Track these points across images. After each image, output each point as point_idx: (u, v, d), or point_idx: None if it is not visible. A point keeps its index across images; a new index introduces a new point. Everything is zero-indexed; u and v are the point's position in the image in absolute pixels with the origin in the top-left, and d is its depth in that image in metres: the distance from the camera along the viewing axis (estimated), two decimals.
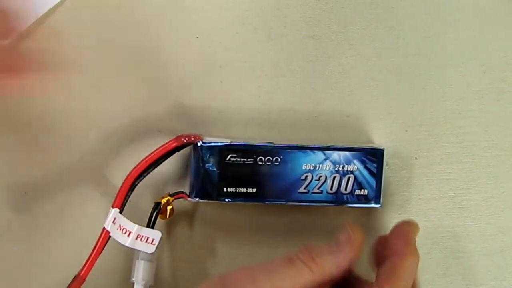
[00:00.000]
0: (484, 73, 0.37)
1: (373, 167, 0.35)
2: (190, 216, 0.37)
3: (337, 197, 0.35)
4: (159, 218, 0.35)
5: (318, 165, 0.34)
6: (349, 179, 0.34)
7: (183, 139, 0.34)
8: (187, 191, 0.35)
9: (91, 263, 0.32)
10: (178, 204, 0.36)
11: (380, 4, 0.37)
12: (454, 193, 0.38)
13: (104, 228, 0.32)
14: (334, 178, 0.34)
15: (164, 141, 0.34)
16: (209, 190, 0.34)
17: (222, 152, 0.34)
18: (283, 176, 0.34)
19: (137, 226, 0.34)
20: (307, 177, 0.34)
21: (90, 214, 0.37)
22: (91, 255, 0.32)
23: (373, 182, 0.35)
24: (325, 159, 0.34)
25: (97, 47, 0.37)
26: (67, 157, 0.37)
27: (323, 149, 0.34)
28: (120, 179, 0.33)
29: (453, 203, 0.38)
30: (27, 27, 0.36)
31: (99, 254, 0.32)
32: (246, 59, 0.37)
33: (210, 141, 0.34)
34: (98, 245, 0.32)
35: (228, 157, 0.34)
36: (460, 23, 0.37)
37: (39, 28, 0.36)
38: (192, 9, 0.37)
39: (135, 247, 0.34)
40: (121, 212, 0.33)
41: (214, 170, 0.34)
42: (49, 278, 0.37)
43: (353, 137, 0.37)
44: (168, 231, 0.37)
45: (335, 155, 0.34)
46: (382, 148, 0.35)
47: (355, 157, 0.34)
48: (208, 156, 0.34)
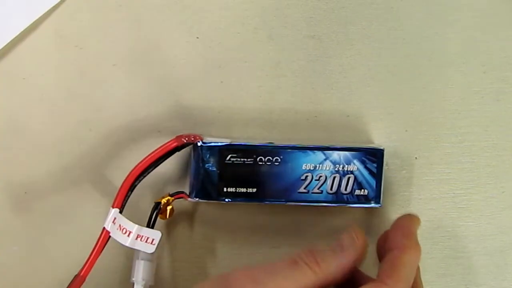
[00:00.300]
0: (484, 73, 0.37)
1: (373, 167, 0.35)
2: (190, 216, 0.37)
3: (337, 197, 0.35)
4: (159, 218, 0.35)
5: (318, 165, 0.34)
6: (349, 179, 0.34)
7: (183, 139, 0.34)
8: (187, 191, 0.35)
9: (91, 263, 0.32)
10: (178, 204, 0.36)
11: (380, 4, 0.37)
12: (454, 193, 0.38)
13: (104, 228, 0.32)
14: (334, 178, 0.34)
15: (164, 141, 0.34)
16: (209, 190, 0.34)
17: (222, 152, 0.34)
18: (283, 176, 0.34)
19: (137, 226, 0.34)
20: (307, 177, 0.34)
21: (90, 214, 0.37)
22: (91, 255, 0.32)
23: (373, 182, 0.35)
24: (325, 159, 0.34)
25: (97, 47, 0.37)
26: (67, 157, 0.37)
27: (323, 149, 0.34)
28: (120, 179, 0.33)
29: (453, 203, 0.38)
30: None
31: (99, 254, 0.32)
32: (246, 59, 0.37)
33: (210, 141, 0.34)
34: (98, 245, 0.32)
35: (228, 157, 0.34)
36: (460, 23, 0.37)
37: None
38: (192, 9, 0.37)
39: (135, 247, 0.34)
40: (121, 212, 0.33)
41: (214, 170, 0.34)
42: (49, 278, 0.37)
43: (353, 137, 0.37)
44: (168, 231, 0.37)
45: (335, 155, 0.34)
46: (382, 148, 0.35)
47: (355, 157, 0.34)
48: (208, 156, 0.34)
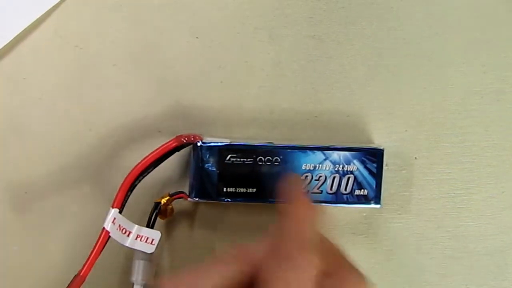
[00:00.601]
0: (484, 73, 0.37)
1: (373, 167, 0.34)
2: (190, 216, 0.37)
3: (337, 197, 0.35)
4: (159, 218, 0.35)
5: (318, 165, 0.34)
6: (349, 179, 0.34)
7: (183, 139, 0.34)
8: (187, 191, 0.35)
9: (91, 263, 0.32)
10: (178, 204, 0.36)
11: (380, 4, 0.37)
12: (454, 193, 0.38)
13: (104, 228, 0.32)
14: (334, 178, 0.34)
15: (164, 141, 0.34)
16: (209, 190, 0.34)
17: (222, 152, 0.34)
18: (283, 176, 0.34)
19: (136, 226, 0.34)
20: (307, 177, 0.34)
21: (90, 214, 0.37)
22: (91, 255, 0.32)
23: (373, 182, 0.35)
24: (325, 159, 0.34)
25: (97, 47, 0.37)
26: (67, 157, 0.37)
27: (323, 149, 0.34)
28: (120, 179, 0.33)
29: (453, 203, 0.38)
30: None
31: (99, 254, 0.32)
32: (246, 59, 0.37)
33: (210, 141, 0.34)
34: (98, 245, 0.32)
35: (228, 157, 0.34)
36: (460, 23, 0.37)
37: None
38: (192, 9, 0.37)
39: (135, 247, 0.34)
40: (121, 212, 0.33)
41: (213, 170, 0.34)
42: (49, 278, 0.37)
43: (353, 137, 0.37)
44: (168, 231, 0.37)
45: (335, 155, 0.34)
46: (382, 148, 0.35)
47: (355, 157, 0.34)
48: (208, 156, 0.34)
